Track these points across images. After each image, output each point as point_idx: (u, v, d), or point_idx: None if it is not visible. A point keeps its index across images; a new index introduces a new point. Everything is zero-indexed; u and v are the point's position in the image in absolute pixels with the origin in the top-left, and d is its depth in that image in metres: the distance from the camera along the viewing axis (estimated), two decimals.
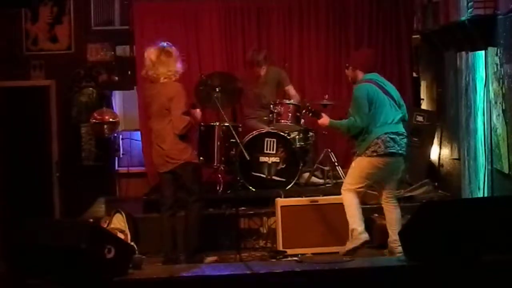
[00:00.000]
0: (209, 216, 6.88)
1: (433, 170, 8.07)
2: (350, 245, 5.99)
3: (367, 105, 6.05)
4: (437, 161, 8.12)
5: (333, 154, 7.79)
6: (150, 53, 6.16)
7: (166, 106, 6.03)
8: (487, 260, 4.37)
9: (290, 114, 7.57)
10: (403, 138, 6.12)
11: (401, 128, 6.16)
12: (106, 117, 8.43)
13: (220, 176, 7.38)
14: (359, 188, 6.13)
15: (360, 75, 6.25)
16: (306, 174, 7.79)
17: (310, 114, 6.48)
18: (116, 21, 9.07)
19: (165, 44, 6.27)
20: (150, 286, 4.55)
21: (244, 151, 6.36)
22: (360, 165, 6.12)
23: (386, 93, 6.15)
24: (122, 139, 8.89)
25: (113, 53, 8.98)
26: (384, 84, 6.22)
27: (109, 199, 8.03)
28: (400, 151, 6.10)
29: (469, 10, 6.11)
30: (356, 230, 5.99)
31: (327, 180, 7.71)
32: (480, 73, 6.44)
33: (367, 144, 6.05)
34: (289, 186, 7.41)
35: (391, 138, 6.04)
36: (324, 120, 6.29)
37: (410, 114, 8.09)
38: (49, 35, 9.00)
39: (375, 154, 6.02)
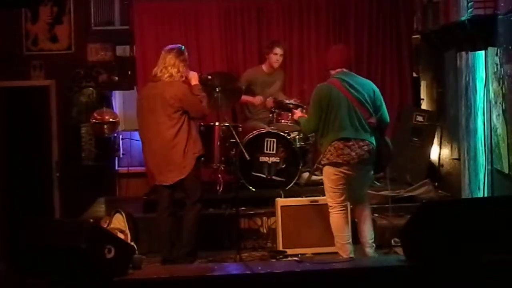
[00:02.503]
0: (209, 216, 6.89)
1: (433, 170, 8.07)
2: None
3: (318, 109, 5.79)
4: (437, 161, 8.12)
5: None
6: (168, 53, 6.13)
7: (175, 106, 5.97)
8: (487, 260, 4.37)
9: (290, 114, 7.59)
10: (363, 146, 5.75)
11: (362, 135, 5.76)
12: (106, 117, 8.44)
13: (220, 176, 7.37)
14: (339, 201, 5.89)
15: (333, 73, 5.97)
16: (306, 174, 7.79)
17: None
18: (116, 21, 9.08)
19: (182, 47, 6.26)
20: (150, 286, 4.55)
21: (244, 151, 6.36)
22: (325, 175, 5.92)
23: (349, 94, 5.76)
24: (122, 139, 8.89)
25: (113, 53, 8.99)
26: (350, 85, 5.81)
27: (109, 199, 8.03)
28: (355, 161, 5.73)
29: (469, 10, 6.11)
30: (341, 256, 5.83)
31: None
32: (480, 73, 6.44)
33: (323, 150, 5.84)
34: (289, 186, 7.41)
35: (346, 145, 5.72)
36: (296, 115, 6.50)
37: (410, 114, 8.13)
38: (49, 35, 9.00)
39: (327, 161, 5.80)
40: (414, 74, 8.79)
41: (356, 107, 5.76)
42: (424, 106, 8.61)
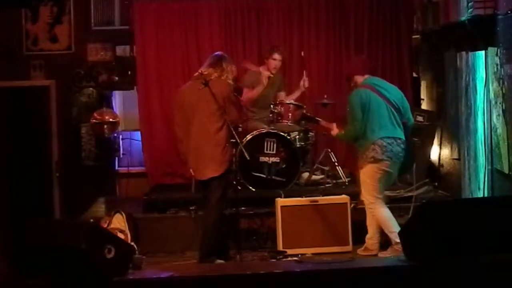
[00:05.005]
0: None
1: (433, 170, 8.07)
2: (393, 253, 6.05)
3: (360, 112, 6.13)
4: (437, 161, 8.12)
5: (333, 154, 7.81)
6: (223, 59, 6.39)
7: (219, 103, 6.08)
8: (487, 260, 4.37)
9: (290, 114, 7.59)
10: (400, 144, 6.14)
11: (399, 133, 6.17)
12: (106, 117, 8.43)
13: None
14: (380, 196, 6.21)
15: (359, 79, 6.33)
16: (306, 174, 7.79)
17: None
18: (116, 21, 9.08)
19: None
20: (150, 286, 4.55)
21: (244, 151, 6.36)
22: (367, 174, 6.19)
23: (384, 97, 6.17)
24: (122, 139, 8.89)
25: (113, 53, 8.98)
26: (382, 88, 6.25)
27: (109, 199, 8.04)
28: (395, 157, 6.12)
29: (469, 10, 6.11)
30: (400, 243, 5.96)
31: (327, 180, 7.71)
32: (480, 73, 6.44)
33: (365, 150, 6.13)
34: (289, 186, 7.41)
35: (388, 143, 6.08)
36: (333, 132, 6.60)
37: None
38: (49, 35, 9.00)
39: (372, 160, 6.10)
40: (414, 74, 8.80)
41: (391, 108, 6.15)
42: (424, 106, 8.61)
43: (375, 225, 6.33)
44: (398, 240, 5.91)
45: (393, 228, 6.14)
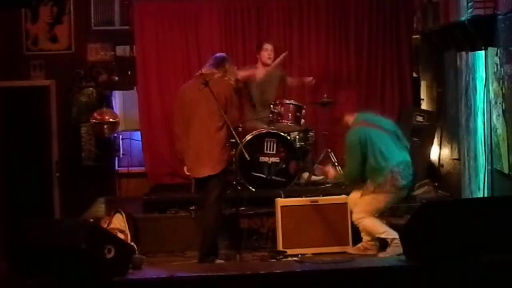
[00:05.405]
0: None
1: (433, 170, 8.07)
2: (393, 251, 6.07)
3: (359, 151, 6.14)
4: (437, 161, 8.12)
5: (333, 154, 7.80)
6: (226, 60, 6.39)
7: (220, 103, 6.08)
8: (487, 260, 4.37)
9: (290, 114, 7.59)
10: (410, 167, 6.23)
11: (407, 157, 6.25)
12: (106, 117, 8.43)
13: None
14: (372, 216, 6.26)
15: (350, 119, 6.37)
16: (306, 174, 7.79)
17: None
18: (116, 21, 9.07)
19: None
20: (150, 286, 4.55)
21: (244, 151, 6.36)
22: (378, 200, 6.21)
23: (380, 127, 6.25)
24: (122, 139, 8.88)
25: (113, 53, 8.98)
26: (375, 120, 6.32)
27: (109, 199, 8.03)
28: (409, 182, 6.25)
29: (469, 10, 6.11)
30: (396, 238, 5.97)
31: (327, 180, 7.71)
32: (480, 73, 6.44)
33: (382, 179, 6.13)
34: (289, 186, 7.41)
35: (403, 168, 6.15)
36: (330, 175, 6.66)
37: (410, 114, 8.14)
38: (49, 35, 9.00)
39: (393, 188, 6.14)
40: (414, 74, 8.80)
41: (391, 135, 6.25)
42: (424, 106, 8.61)
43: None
44: (393, 236, 6.00)
45: (382, 229, 6.19)
